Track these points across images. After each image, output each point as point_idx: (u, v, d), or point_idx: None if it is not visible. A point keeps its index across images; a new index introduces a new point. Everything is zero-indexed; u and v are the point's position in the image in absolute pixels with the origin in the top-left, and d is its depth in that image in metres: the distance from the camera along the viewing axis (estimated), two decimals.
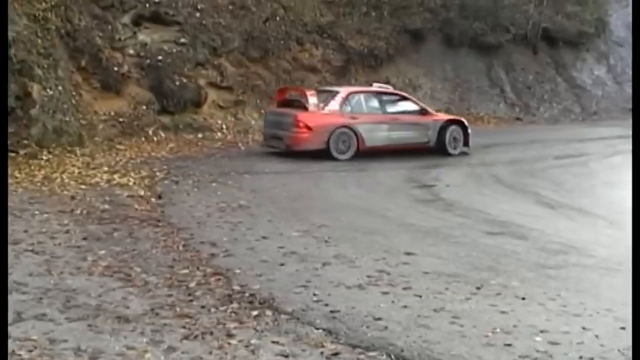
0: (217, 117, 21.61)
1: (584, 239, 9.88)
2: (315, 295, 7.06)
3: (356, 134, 17.23)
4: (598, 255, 8.97)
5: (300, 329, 6.16)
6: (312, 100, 17.33)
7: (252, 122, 21.94)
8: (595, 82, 32.73)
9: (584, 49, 33.66)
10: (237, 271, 7.89)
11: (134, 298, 6.86)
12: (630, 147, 20.65)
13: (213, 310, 6.57)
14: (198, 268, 7.99)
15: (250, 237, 9.53)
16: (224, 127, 21.34)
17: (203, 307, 6.63)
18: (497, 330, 6.13)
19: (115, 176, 13.51)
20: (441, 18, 28.71)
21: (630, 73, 34.58)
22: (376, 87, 19.60)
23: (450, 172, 16.00)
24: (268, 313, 6.52)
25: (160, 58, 20.67)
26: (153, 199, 12.08)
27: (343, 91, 18.31)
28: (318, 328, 6.18)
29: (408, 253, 8.68)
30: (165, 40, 21.21)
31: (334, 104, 17.50)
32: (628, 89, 33.56)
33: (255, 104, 22.49)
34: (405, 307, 6.73)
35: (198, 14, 21.98)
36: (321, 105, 17.39)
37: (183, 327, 6.06)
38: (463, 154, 18.72)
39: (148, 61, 20.52)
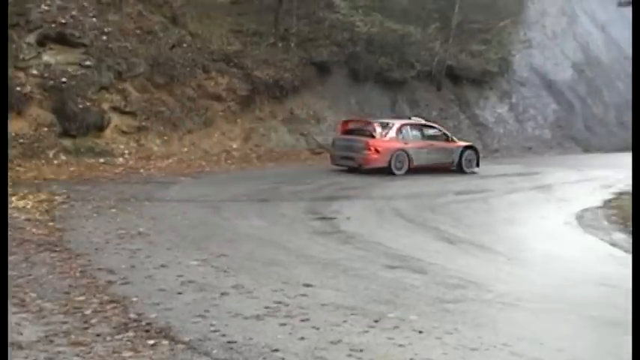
0: (120, 142, 21.45)
1: (482, 274, 10.07)
2: (212, 325, 6.99)
3: (408, 156, 22.40)
4: (496, 290, 9.14)
5: (197, 359, 6.12)
6: (378, 129, 22.41)
7: (155, 149, 21.77)
8: (497, 120, 33.73)
9: (487, 87, 34.67)
10: (134, 299, 7.80)
11: (28, 324, 6.74)
12: (529, 184, 21.43)
13: (108, 338, 6.48)
14: (94, 295, 7.88)
15: (149, 265, 9.45)
16: (126, 152, 21.17)
17: (98, 335, 6.54)
18: None
19: (13, 199, 13.28)
20: (348, 52, 29.12)
21: (532, 112, 35.81)
22: (414, 120, 24.74)
23: (351, 205, 16.14)
24: (165, 342, 6.44)
25: (63, 79, 20.43)
26: (50, 223, 11.86)
27: (397, 123, 23.45)
28: (214, 359, 6.14)
29: (307, 285, 8.69)
30: (70, 61, 20.98)
31: (392, 133, 22.62)
32: (529, 128, 34.77)
33: (158, 131, 22.35)
34: (303, 338, 6.70)
35: (104, 37, 21.80)
36: (383, 134, 22.38)
37: (78, 355, 5.96)
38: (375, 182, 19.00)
39: (52, 82, 20.27)
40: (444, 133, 24.29)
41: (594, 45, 45.20)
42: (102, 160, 19.96)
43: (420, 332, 7.05)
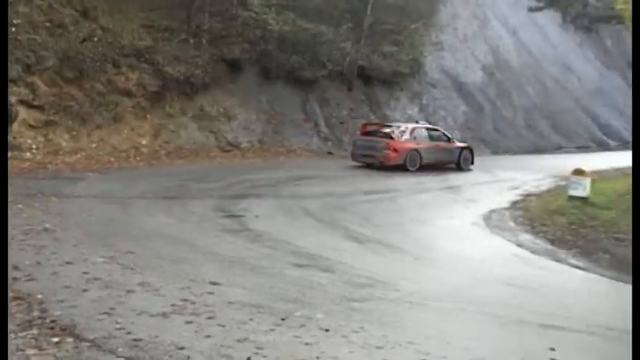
0: (27, 136, 20.96)
1: (390, 274, 10.20)
2: (117, 322, 6.93)
3: (419, 155, 25.79)
4: (403, 289, 9.27)
5: (102, 357, 6.06)
6: (396, 132, 25.89)
7: (63, 144, 21.36)
8: (407, 121, 34.20)
9: (398, 88, 35.04)
10: (39, 296, 7.67)
11: None
12: (438, 185, 21.79)
13: (12, 336, 6.37)
14: None
15: (54, 261, 9.29)
16: (34, 147, 20.70)
17: None
18: None
19: None
20: (260, 50, 29.06)
21: (442, 114, 36.38)
22: (422, 123, 28.49)
23: (259, 203, 16.14)
24: (69, 340, 6.36)
25: None
26: None
27: (410, 126, 27.08)
28: (119, 357, 6.09)
29: (214, 283, 8.66)
30: None
31: (406, 135, 26.03)
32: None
33: (67, 125, 21.91)
34: (209, 336, 6.70)
35: (13, 29, 21.18)
36: (400, 136, 25.74)
37: None
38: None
39: None
40: (446, 135, 27.98)
41: (505, 49, 46.15)
42: (8, 154, 19.50)
43: (327, 331, 7.11)
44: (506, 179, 23.97)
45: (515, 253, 13.49)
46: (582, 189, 18.54)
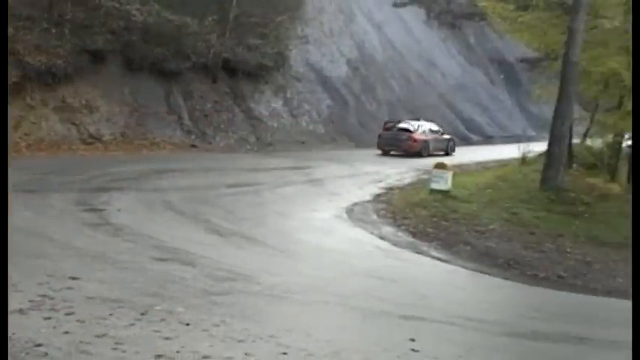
0: None
1: (252, 267, 10.31)
2: None
3: (428, 145, 34.79)
4: (265, 282, 9.39)
5: None
6: (414, 127, 34.77)
7: None
8: (271, 114, 34.25)
9: (263, 81, 35.10)
10: None
11: None
12: (302, 178, 22.01)
13: None
14: None
15: None
16: None
17: None
18: (161, 356, 6.20)
19: None
20: (123, 40, 28.48)
21: (306, 107, 36.67)
22: (423, 122, 36.46)
23: (121, 197, 15.91)
24: None
25: None
26: None
27: (421, 124, 35.72)
28: None
29: (73, 278, 8.52)
30: None
31: (420, 130, 35.09)
32: (303, 123, 35.59)
33: None
34: (67, 332, 6.60)
35: None
36: (416, 130, 34.76)
37: None
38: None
39: None
40: (440, 130, 37.20)
41: (370, 44, 46.88)
42: None
43: (187, 325, 7.13)
44: (370, 172, 24.46)
45: (377, 246, 13.83)
46: (444, 182, 19.17)
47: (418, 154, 32.84)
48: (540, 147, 25.79)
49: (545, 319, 10.01)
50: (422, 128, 35.05)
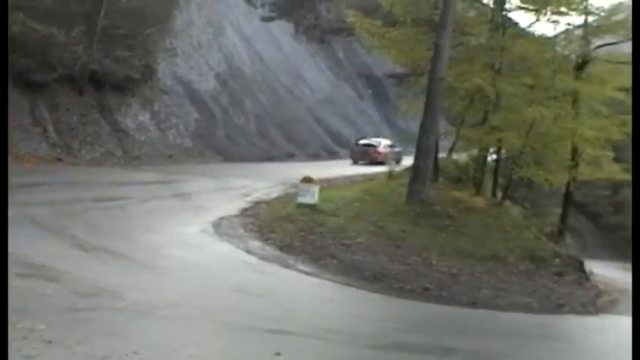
0: None
1: (117, 283, 10.20)
2: None
3: (387, 156, 42.34)
4: (130, 298, 9.32)
5: None
6: (377, 143, 46.42)
7: None
8: (138, 128, 33.78)
9: (130, 94, 34.53)
10: None
11: None
12: (169, 192, 21.83)
13: None
14: None
15: None
16: None
17: None
18: None
19: None
20: None
21: (174, 121, 36.36)
22: (385, 140, 48.42)
23: None
24: None
25: None
26: None
27: (381, 140, 47.67)
28: None
29: None
30: None
31: (382, 145, 46.38)
32: (170, 136, 35.26)
33: None
34: None
35: None
36: (380, 145, 46.17)
37: None
38: None
39: None
40: (394, 145, 47.47)
41: (238, 57, 46.92)
42: None
43: (50, 342, 7.03)
44: (238, 187, 24.47)
45: (244, 260, 13.92)
46: (311, 196, 19.40)
47: (381, 163, 39.12)
48: (408, 161, 26.44)
49: (410, 331, 10.33)
50: (383, 144, 46.92)
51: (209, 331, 8.71)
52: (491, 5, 26.12)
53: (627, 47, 30.26)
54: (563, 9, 24.76)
